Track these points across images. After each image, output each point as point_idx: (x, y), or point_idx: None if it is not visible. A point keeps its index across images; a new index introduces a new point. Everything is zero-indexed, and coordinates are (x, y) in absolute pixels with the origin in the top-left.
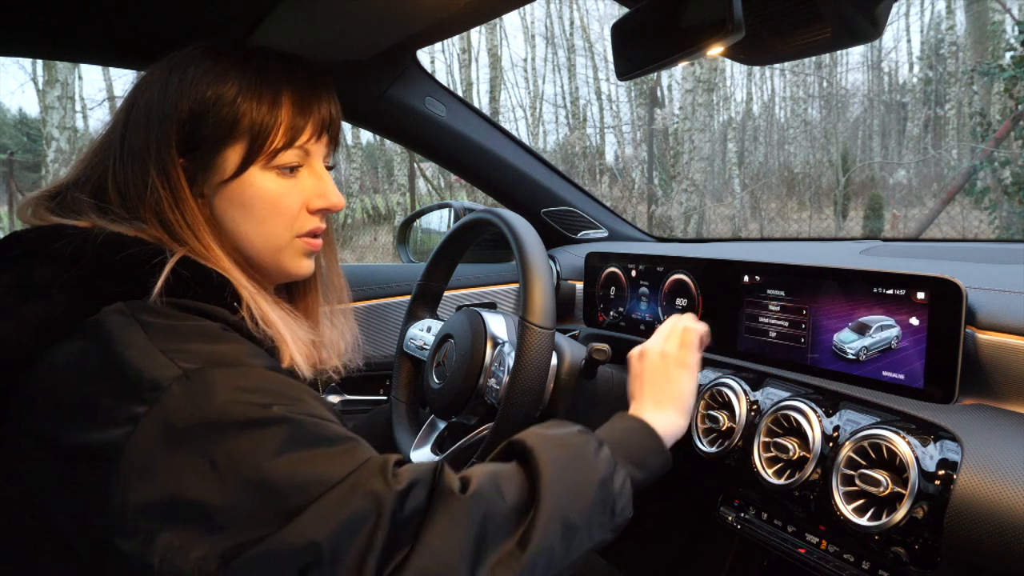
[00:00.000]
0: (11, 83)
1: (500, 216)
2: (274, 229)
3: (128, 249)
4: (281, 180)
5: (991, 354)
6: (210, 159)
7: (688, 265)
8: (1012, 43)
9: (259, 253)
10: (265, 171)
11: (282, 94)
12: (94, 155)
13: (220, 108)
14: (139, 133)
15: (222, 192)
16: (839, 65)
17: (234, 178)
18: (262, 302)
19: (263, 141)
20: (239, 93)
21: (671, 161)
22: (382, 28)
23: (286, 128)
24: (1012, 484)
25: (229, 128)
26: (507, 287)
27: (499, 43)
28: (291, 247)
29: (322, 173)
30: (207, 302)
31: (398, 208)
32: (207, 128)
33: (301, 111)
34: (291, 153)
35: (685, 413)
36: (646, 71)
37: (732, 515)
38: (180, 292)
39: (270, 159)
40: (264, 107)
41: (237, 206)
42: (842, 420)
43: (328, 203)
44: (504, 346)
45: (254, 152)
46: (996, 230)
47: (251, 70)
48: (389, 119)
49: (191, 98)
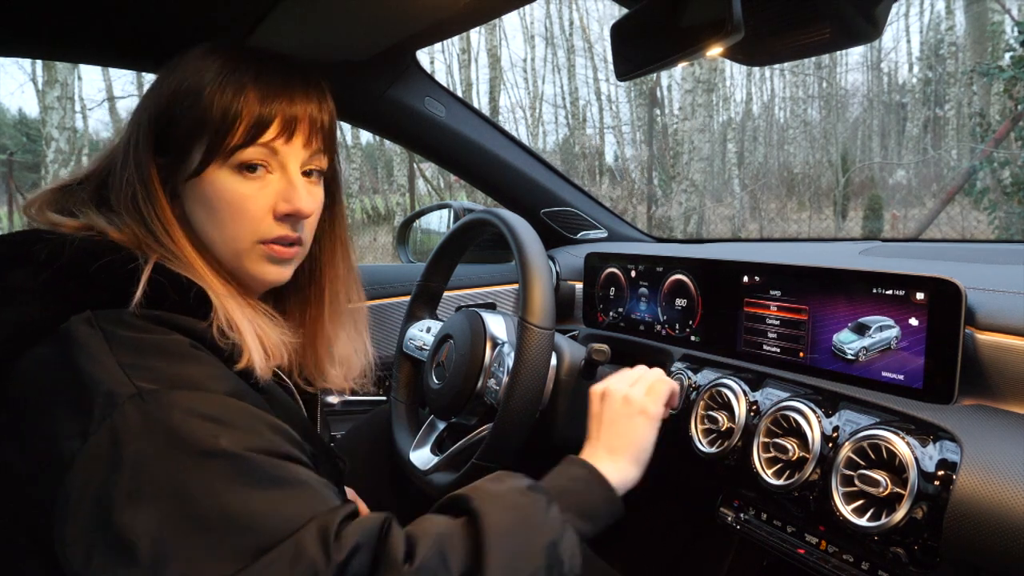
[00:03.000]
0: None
1: (499, 216)
2: (235, 232)
3: (101, 256)
4: (244, 181)
5: (990, 354)
6: (181, 156)
7: (688, 265)
8: (1012, 43)
9: (222, 256)
10: (226, 169)
11: (246, 88)
12: (108, 152)
13: (188, 103)
14: (134, 130)
15: (189, 190)
16: (839, 65)
17: (197, 175)
18: (230, 304)
19: (222, 136)
20: (206, 87)
21: (671, 161)
22: (382, 28)
23: (247, 125)
24: (1011, 484)
25: (196, 123)
26: (507, 287)
27: (499, 43)
28: (253, 252)
29: (293, 176)
30: (179, 311)
31: (398, 208)
32: (178, 124)
33: (264, 106)
34: (253, 151)
35: (640, 464)
36: (646, 71)
37: (731, 515)
38: (153, 300)
39: (229, 156)
40: (225, 101)
41: (201, 205)
42: (841, 420)
43: (292, 208)
44: (504, 346)
45: (214, 148)
46: (995, 230)
47: (221, 67)
48: (389, 119)
49: (168, 98)
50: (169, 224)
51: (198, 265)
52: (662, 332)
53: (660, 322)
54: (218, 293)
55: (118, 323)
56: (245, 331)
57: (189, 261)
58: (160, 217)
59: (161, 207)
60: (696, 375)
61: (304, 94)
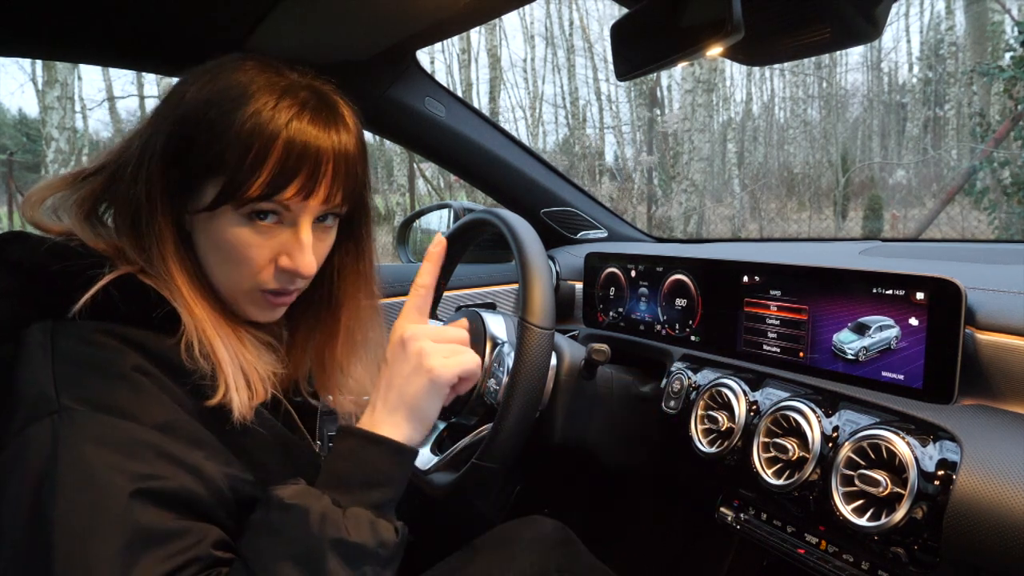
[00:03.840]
0: (11, 83)
1: (499, 216)
2: (235, 275)
3: (66, 260)
4: (252, 229)
5: (990, 354)
6: (191, 184)
7: (688, 265)
8: (1012, 43)
9: (221, 288)
10: (238, 215)
11: (278, 135)
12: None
13: (213, 132)
14: (147, 141)
15: (197, 219)
16: (839, 65)
17: (207, 211)
18: (211, 330)
19: (239, 185)
20: (235, 121)
21: (671, 161)
22: (382, 28)
23: (268, 178)
24: (1011, 484)
25: (216, 160)
26: (506, 287)
27: (499, 43)
28: (251, 295)
29: (302, 235)
30: (137, 326)
31: (397, 208)
32: (196, 153)
33: (290, 161)
34: (268, 205)
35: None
36: (646, 71)
37: (731, 515)
38: (111, 312)
39: (241, 205)
40: (252, 146)
41: (206, 238)
42: (841, 420)
43: (292, 266)
44: (504, 346)
45: (228, 194)
46: (995, 230)
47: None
48: (389, 119)
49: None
50: (162, 244)
51: (180, 283)
52: (662, 332)
53: (660, 322)
54: (199, 318)
55: (72, 335)
56: (226, 365)
57: (170, 277)
58: (156, 236)
59: (159, 230)
60: (696, 375)
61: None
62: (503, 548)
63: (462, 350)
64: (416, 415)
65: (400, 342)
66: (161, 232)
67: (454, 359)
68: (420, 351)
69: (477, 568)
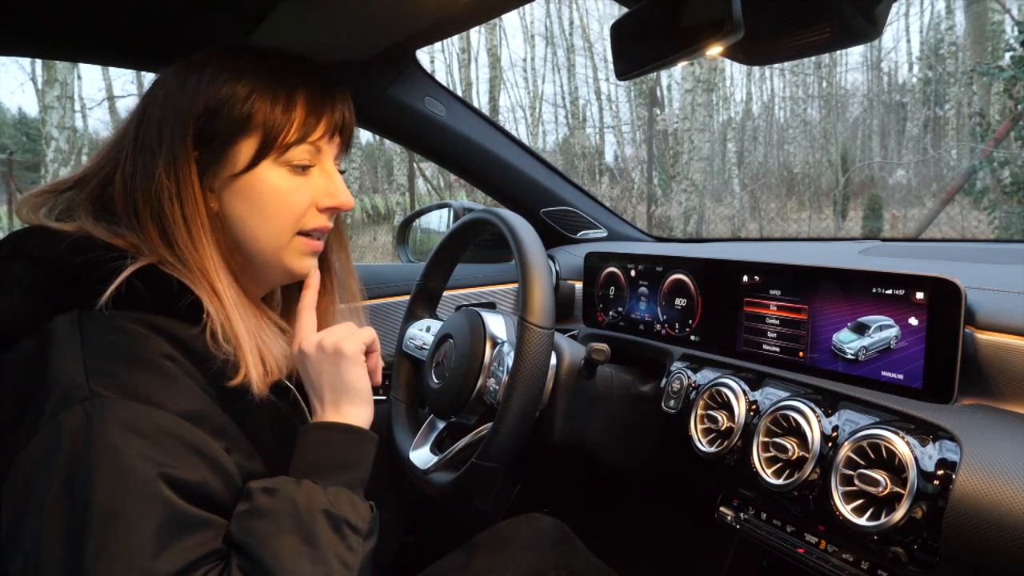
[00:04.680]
0: (11, 83)
1: (499, 216)
2: (280, 225)
3: (90, 253)
4: (291, 177)
5: (990, 354)
6: (222, 152)
7: (687, 265)
8: (1012, 43)
9: (262, 250)
10: (276, 166)
11: (297, 92)
12: (105, 153)
13: (235, 104)
14: (153, 127)
15: (232, 186)
16: (839, 65)
17: (246, 172)
18: (233, 314)
19: (276, 135)
20: (254, 90)
21: (671, 161)
22: (382, 28)
23: (299, 124)
24: (1011, 484)
25: (243, 123)
26: (506, 287)
27: (498, 43)
28: (293, 245)
29: (333, 173)
30: (162, 314)
31: (397, 208)
32: (221, 123)
33: (314, 109)
34: (302, 149)
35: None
36: (645, 71)
37: (731, 515)
38: (141, 302)
39: (281, 153)
40: (280, 104)
41: (246, 200)
42: (841, 420)
43: (337, 202)
44: (503, 346)
45: (267, 146)
46: (995, 230)
47: (267, 69)
48: (388, 119)
49: (207, 95)
50: (194, 224)
51: (211, 268)
52: (662, 332)
53: (660, 322)
54: (223, 299)
55: (99, 325)
56: (245, 344)
57: (200, 263)
58: (187, 215)
59: (193, 203)
60: (696, 375)
61: (342, 98)
62: (502, 546)
63: (354, 327)
64: (355, 395)
65: (316, 347)
66: (194, 210)
67: (354, 336)
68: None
69: (477, 566)
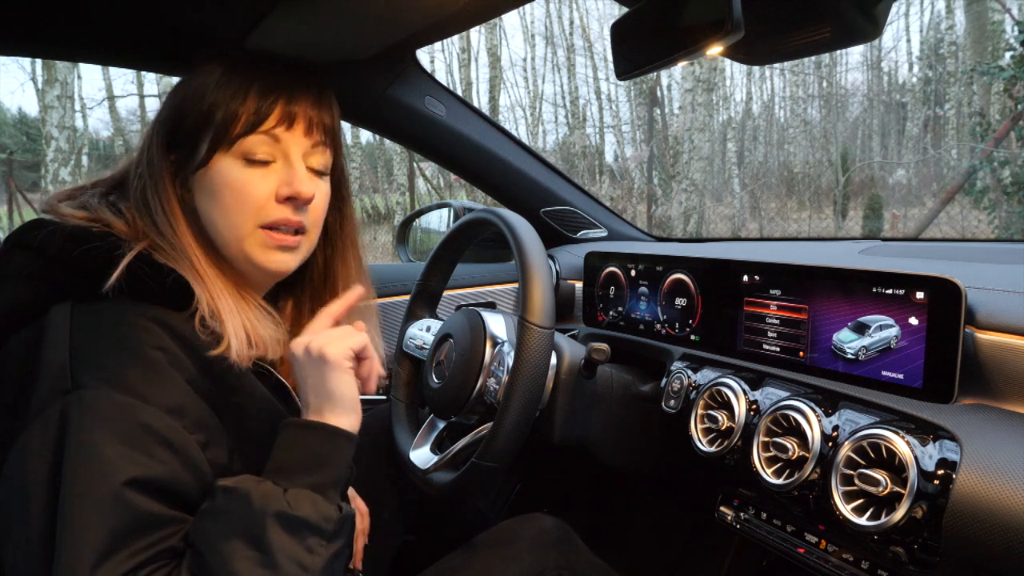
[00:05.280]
0: (11, 83)
1: (499, 216)
2: (238, 218)
3: (88, 243)
4: (247, 169)
5: (990, 354)
6: (190, 150)
7: (687, 265)
8: (1012, 43)
9: (226, 242)
10: (231, 158)
11: (250, 82)
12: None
13: (196, 101)
14: (152, 128)
15: (198, 181)
16: (839, 65)
17: (203, 165)
18: (219, 292)
19: (226, 126)
20: (211, 85)
21: (671, 161)
22: (381, 28)
23: (249, 114)
24: (1011, 484)
25: (203, 118)
26: (506, 287)
27: (499, 43)
28: (254, 237)
29: (295, 163)
30: (152, 302)
31: (397, 208)
32: (187, 121)
33: (265, 97)
34: (257, 140)
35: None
36: (645, 71)
37: (731, 514)
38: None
39: (232, 144)
40: (229, 93)
41: (208, 194)
42: (841, 420)
43: (292, 191)
44: (503, 346)
45: (219, 138)
46: (995, 230)
47: (230, 67)
48: (388, 119)
49: (180, 98)
50: (172, 214)
51: (192, 253)
52: (662, 331)
53: (660, 321)
54: (209, 281)
55: (92, 317)
56: (227, 318)
57: (183, 248)
58: (165, 207)
59: (167, 197)
60: (696, 374)
61: (304, 90)
62: (503, 546)
63: (346, 332)
64: (337, 403)
65: (303, 350)
66: (169, 201)
67: (340, 342)
68: (316, 348)
69: (478, 565)
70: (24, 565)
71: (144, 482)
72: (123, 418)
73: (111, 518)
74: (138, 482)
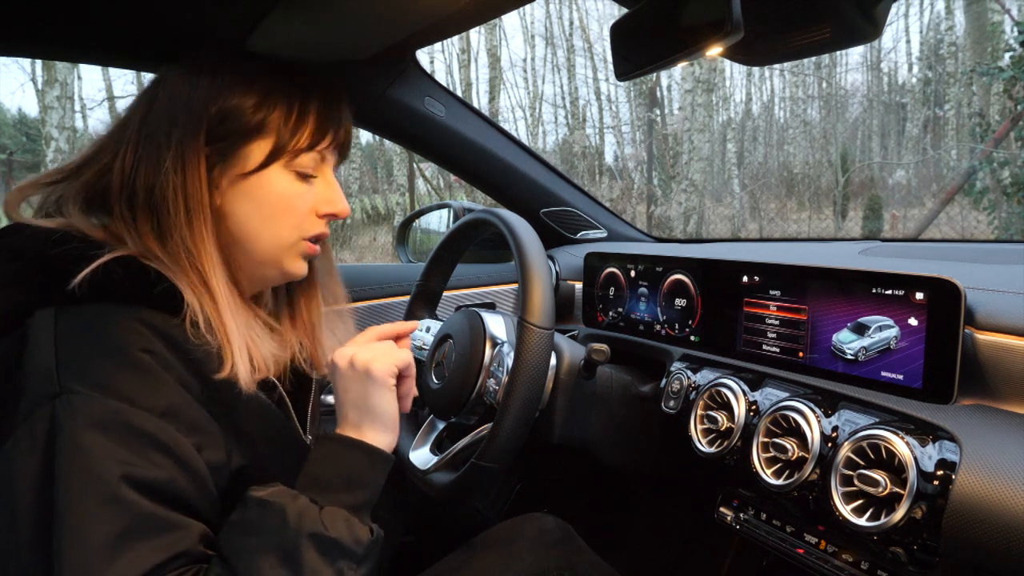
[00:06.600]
0: (11, 83)
1: (499, 216)
2: (283, 228)
3: (67, 246)
4: (296, 183)
5: (990, 354)
6: (233, 152)
7: (687, 265)
8: (1011, 44)
9: (263, 251)
10: (285, 171)
11: (310, 102)
12: (101, 146)
13: (250, 108)
14: (162, 122)
15: (239, 185)
16: (838, 65)
17: (255, 172)
18: (225, 309)
19: (288, 141)
20: (270, 97)
21: (670, 161)
22: (381, 28)
23: (311, 132)
24: (1011, 484)
25: (257, 126)
26: (506, 287)
27: (498, 43)
28: (294, 248)
29: (333, 182)
30: (141, 305)
31: (397, 208)
32: (234, 123)
33: (325, 120)
34: (310, 157)
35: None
36: (645, 71)
37: (731, 515)
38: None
39: (292, 159)
40: (295, 112)
41: (251, 200)
42: (841, 420)
43: (335, 209)
44: (503, 346)
45: (279, 150)
46: (995, 230)
47: (282, 75)
48: (388, 119)
49: (222, 96)
50: (197, 215)
51: (205, 261)
52: (662, 332)
53: (660, 322)
54: (215, 294)
55: (77, 321)
56: (234, 339)
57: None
58: (190, 207)
59: (198, 197)
60: (696, 375)
61: (347, 113)
62: (504, 545)
63: (392, 349)
64: (378, 419)
65: (348, 362)
66: (198, 207)
67: (386, 358)
68: (362, 362)
69: (478, 565)
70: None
71: (141, 483)
72: (114, 422)
73: (112, 520)
74: (135, 483)
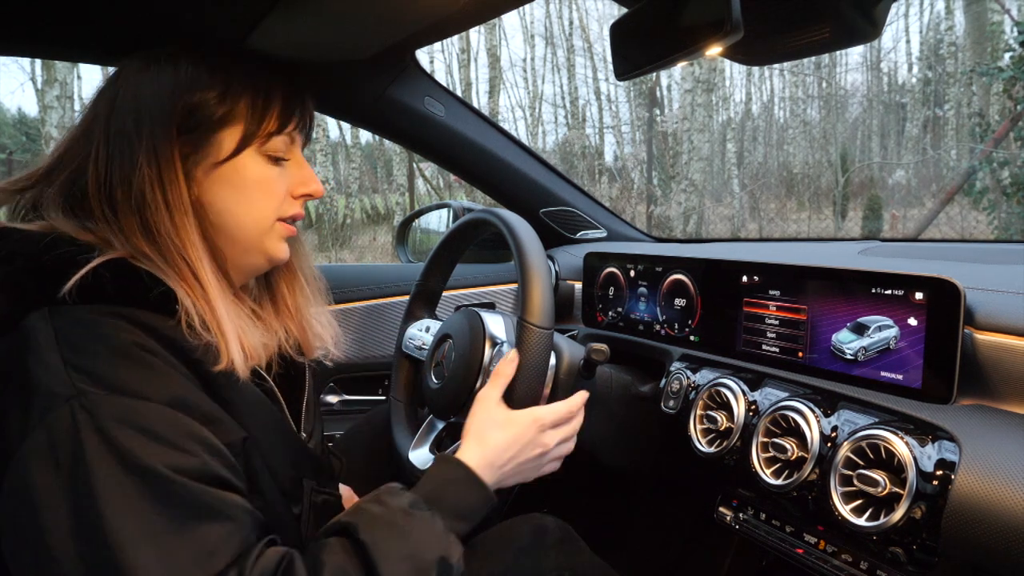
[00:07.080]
0: (11, 83)
1: (499, 216)
2: (262, 211)
3: (58, 249)
4: (270, 166)
5: (989, 354)
6: (205, 141)
7: (687, 265)
8: (1011, 44)
9: (246, 237)
10: (257, 155)
11: (275, 86)
12: (70, 146)
13: (218, 96)
14: (129, 118)
15: (215, 174)
16: (838, 65)
17: (229, 159)
18: (216, 301)
19: (258, 125)
20: (236, 84)
21: (670, 161)
22: (381, 28)
23: (278, 114)
24: (1010, 484)
25: (226, 114)
26: (506, 287)
27: (498, 43)
28: (274, 230)
29: (304, 163)
30: (134, 306)
31: (397, 208)
32: (204, 113)
33: (290, 102)
34: (280, 140)
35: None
36: (645, 71)
37: (730, 515)
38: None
39: (264, 143)
40: (261, 96)
41: (229, 187)
42: (840, 420)
43: (310, 189)
44: (503, 346)
45: (250, 135)
46: (995, 230)
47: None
48: (388, 119)
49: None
50: (178, 209)
51: (192, 254)
52: (661, 332)
53: (659, 322)
54: (206, 287)
55: (73, 321)
56: (227, 331)
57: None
58: (171, 202)
59: (177, 190)
60: (695, 375)
61: (307, 94)
62: (504, 546)
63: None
64: (518, 478)
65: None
66: (177, 200)
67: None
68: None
69: (478, 565)
70: None
71: (183, 471)
72: (138, 417)
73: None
74: (178, 470)
